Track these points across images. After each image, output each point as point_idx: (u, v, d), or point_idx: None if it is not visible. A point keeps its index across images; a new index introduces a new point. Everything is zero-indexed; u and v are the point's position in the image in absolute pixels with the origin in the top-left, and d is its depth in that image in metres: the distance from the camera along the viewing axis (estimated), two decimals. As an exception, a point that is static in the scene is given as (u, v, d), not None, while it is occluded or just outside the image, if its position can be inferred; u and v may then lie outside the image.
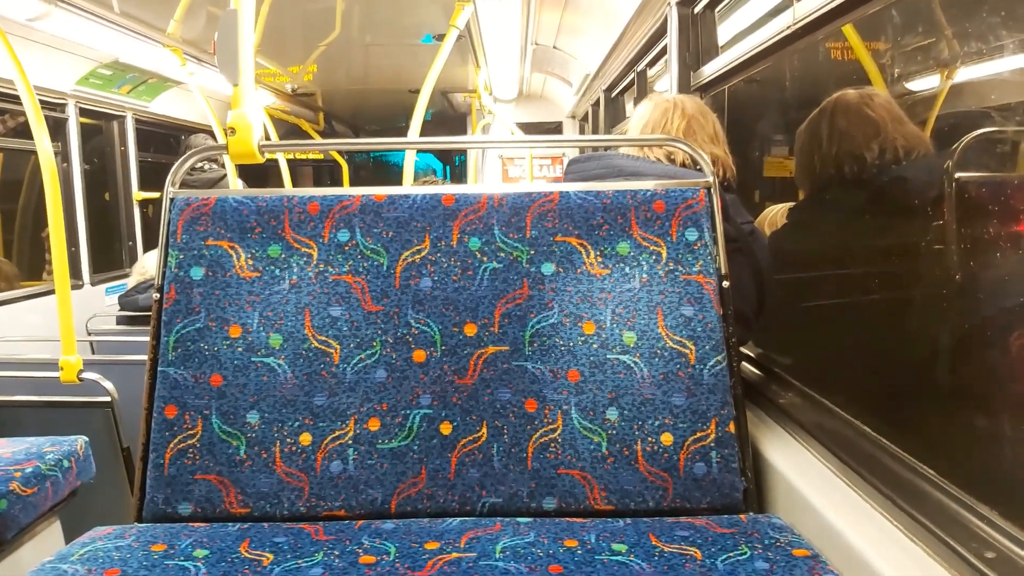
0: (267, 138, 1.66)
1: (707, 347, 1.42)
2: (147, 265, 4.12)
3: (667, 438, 1.38)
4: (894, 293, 1.57)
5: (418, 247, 1.50)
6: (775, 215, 2.34)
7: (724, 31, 2.68)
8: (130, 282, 4.21)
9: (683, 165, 1.84)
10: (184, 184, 1.59)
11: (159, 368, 1.45)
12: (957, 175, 1.37)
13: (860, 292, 1.69)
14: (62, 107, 4.46)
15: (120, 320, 4.08)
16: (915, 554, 1.02)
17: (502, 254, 1.49)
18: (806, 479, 1.31)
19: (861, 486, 1.21)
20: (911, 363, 1.44)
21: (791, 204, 2.22)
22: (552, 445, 1.40)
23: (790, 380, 1.67)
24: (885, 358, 1.52)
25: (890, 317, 1.53)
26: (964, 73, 1.52)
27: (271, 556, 1.20)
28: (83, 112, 4.67)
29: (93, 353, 3.65)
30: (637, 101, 4.30)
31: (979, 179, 1.37)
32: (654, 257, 1.48)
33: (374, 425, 1.42)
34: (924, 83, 1.76)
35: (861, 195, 1.73)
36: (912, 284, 1.50)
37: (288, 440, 1.41)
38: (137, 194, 5.26)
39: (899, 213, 1.57)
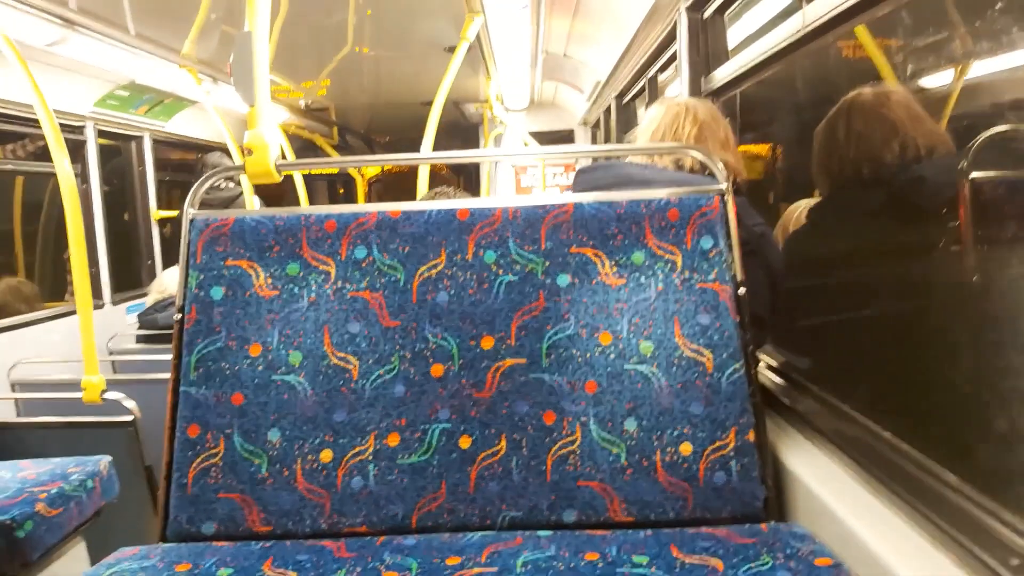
0: (283, 156, 1.68)
1: (725, 355, 1.42)
2: (165, 283, 4.15)
3: (686, 448, 1.38)
4: (911, 295, 1.56)
5: (434, 262, 1.51)
6: (800, 213, 2.32)
7: (734, 36, 2.68)
8: (148, 301, 4.25)
9: (691, 170, 1.83)
10: (202, 204, 1.61)
11: (181, 388, 1.46)
12: (972, 175, 1.36)
13: (878, 294, 1.68)
14: (81, 129, 4.52)
15: (140, 339, 4.12)
16: (939, 562, 1.01)
17: (517, 266, 1.49)
18: (827, 487, 1.30)
19: (883, 493, 1.20)
20: (934, 366, 1.42)
21: (813, 202, 2.20)
22: (571, 457, 1.40)
23: (809, 386, 1.66)
24: (910, 362, 1.51)
25: (910, 320, 1.52)
26: (978, 69, 1.51)
27: (294, 574, 1.21)
28: (101, 133, 4.73)
29: (115, 372, 3.69)
30: (648, 107, 4.30)
31: (995, 178, 1.35)
32: (669, 266, 1.47)
33: (394, 440, 1.42)
34: (936, 80, 1.75)
35: (880, 195, 1.71)
36: (932, 285, 1.49)
37: (309, 457, 1.42)
38: (155, 213, 5.32)
39: (917, 213, 1.56)
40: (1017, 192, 1.28)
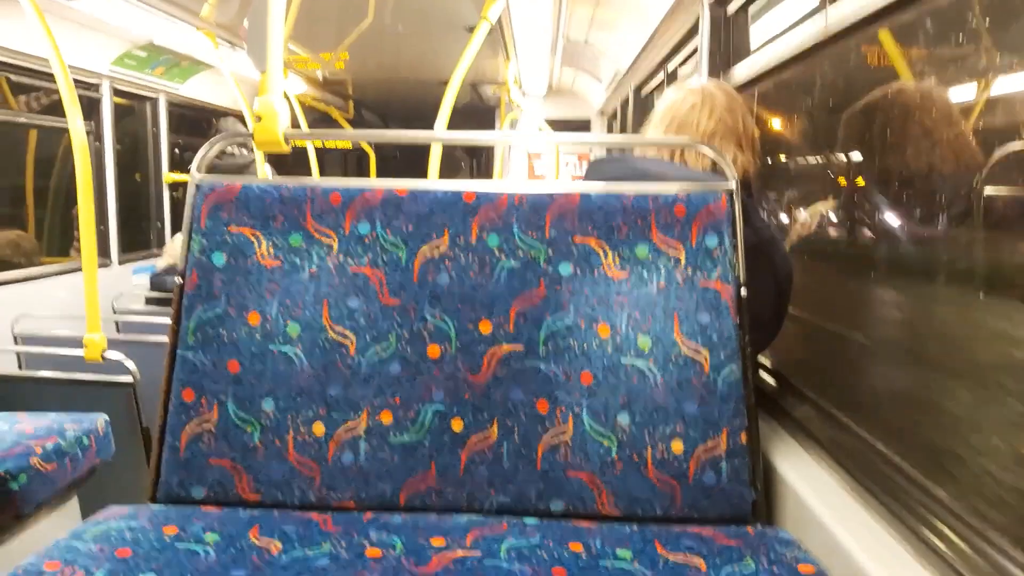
0: (295, 126, 1.67)
1: (722, 355, 1.41)
2: (177, 247, 4.16)
3: (678, 445, 1.38)
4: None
5: (437, 242, 1.50)
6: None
7: (757, 33, 2.65)
8: (160, 263, 4.27)
9: (702, 168, 1.80)
10: (213, 168, 1.60)
11: (178, 352, 1.46)
12: (986, 191, 1.34)
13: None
14: (96, 87, 4.52)
15: (148, 300, 4.14)
16: None
17: (520, 253, 1.48)
18: (817, 494, 1.30)
19: (872, 505, 1.19)
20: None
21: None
22: (562, 447, 1.40)
23: (805, 392, 1.66)
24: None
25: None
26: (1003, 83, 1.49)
27: (280, 544, 1.21)
28: (117, 92, 4.73)
29: (118, 332, 3.71)
30: (666, 91, 4.27)
31: (1010, 195, 1.34)
32: (673, 262, 1.46)
33: (387, 418, 1.43)
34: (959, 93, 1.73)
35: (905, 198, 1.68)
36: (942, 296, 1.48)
37: (301, 429, 1.42)
38: (167, 176, 5.33)
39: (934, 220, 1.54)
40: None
